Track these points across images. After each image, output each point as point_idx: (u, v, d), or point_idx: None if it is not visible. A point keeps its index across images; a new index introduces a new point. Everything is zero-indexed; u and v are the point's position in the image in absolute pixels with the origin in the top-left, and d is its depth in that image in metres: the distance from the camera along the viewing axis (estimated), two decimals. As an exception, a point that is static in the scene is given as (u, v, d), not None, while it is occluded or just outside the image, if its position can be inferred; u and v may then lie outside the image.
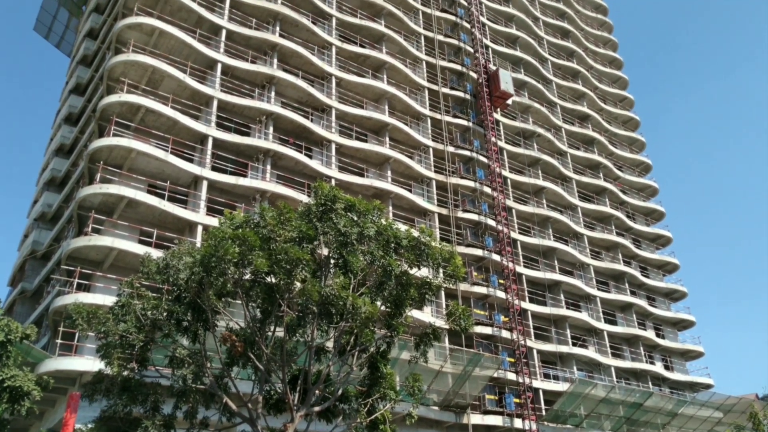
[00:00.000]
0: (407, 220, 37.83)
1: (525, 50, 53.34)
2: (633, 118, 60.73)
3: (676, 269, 54.37)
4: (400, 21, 44.79)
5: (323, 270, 19.58)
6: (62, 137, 40.24)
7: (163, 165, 30.05)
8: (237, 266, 17.75)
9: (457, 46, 47.39)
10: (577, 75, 57.37)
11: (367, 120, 39.17)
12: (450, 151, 42.29)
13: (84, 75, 41.84)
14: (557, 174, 49.49)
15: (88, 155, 29.35)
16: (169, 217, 29.57)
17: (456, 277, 20.41)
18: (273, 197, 32.10)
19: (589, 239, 48.60)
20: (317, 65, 38.07)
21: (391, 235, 19.45)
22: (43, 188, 39.70)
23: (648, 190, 57.53)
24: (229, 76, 34.78)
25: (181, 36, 32.77)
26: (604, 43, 64.53)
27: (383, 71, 41.68)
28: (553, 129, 51.51)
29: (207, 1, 35.83)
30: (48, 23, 49.00)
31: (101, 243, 27.10)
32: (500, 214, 41.30)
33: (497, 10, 53.37)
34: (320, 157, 36.36)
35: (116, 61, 31.03)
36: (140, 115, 30.48)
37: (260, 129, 34.38)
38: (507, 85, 45.44)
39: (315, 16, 40.57)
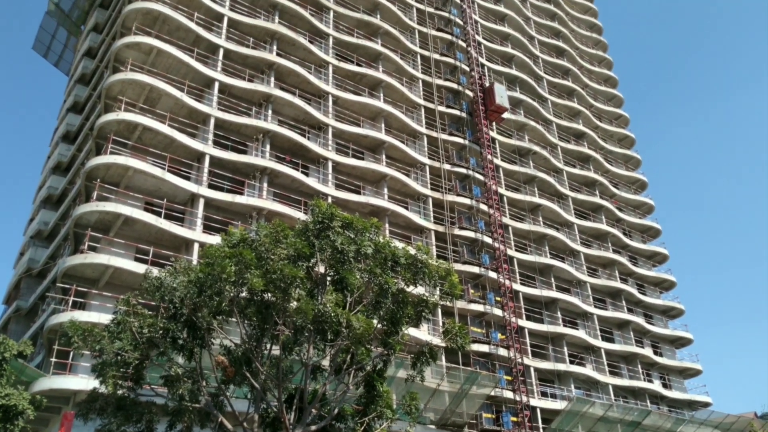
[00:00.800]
0: (404, 237, 37.87)
1: (520, 69, 53.80)
2: (628, 135, 61.12)
3: (673, 286, 54.38)
4: (397, 40, 45.19)
5: (319, 288, 19.58)
6: (60, 155, 40.30)
7: (159, 183, 30.10)
8: (233, 285, 17.76)
9: (453, 65, 47.78)
10: (573, 93, 57.82)
11: (364, 138, 39.35)
12: (446, 168, 42.46)
13: (82, 93, 42.05)
14: (553, 191, 49.66)
15: (85, 173, 29.40)
16: (165, 235, 29.55)
17: (453, 294, 20.46)
18: (269, 215, 32.13)
19: (585, 256, 48.66)
20: (314, 84, 38.33)
21: (388, 252, 19.50)
22: (40, 206, 39.68)
23: (644, 207, 57.73)
24: (227, 94, 34.98)
25: (178, 55, 33.01)
26: (599, 61, 65.13)
27: (380, 90, 41.98)
28: (548, 147, 51.80)
29: (205, 21, 36.14)
30: (47, 42, 49.33)
31: (97, 261, 27.04)
32: (497, 231, 41.38)
33: (493, 29, 53.90)
34: (317, 175, 36.46)
35: (114, 80, 31.21)
36: (137, 133, 30.59)
37: (257, 147, 34.52)
38: (502, 99, 45.84)
39: (312, 36, 40.93)
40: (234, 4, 37.91)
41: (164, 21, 33.93)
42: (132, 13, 33.44)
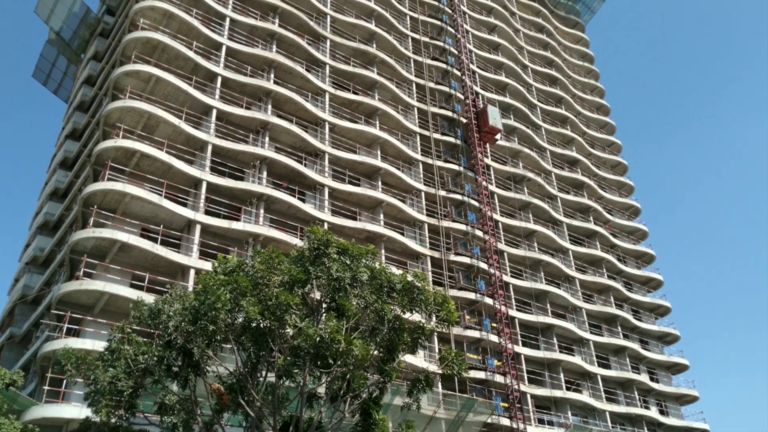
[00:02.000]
0: (400, 263, 37.98)
1: (514, 97, 54.53)
2: (621, 162, 61.73)
3: (668, 312, 54.44)
4: (392, 69, 45.85)
5: (315, 314, 19.60)
6: (57, 181, 40.47)
7: (156, 209, 30.23)
8: (229, 312, 17.78)
9: (448, 93, 48.43)
10: (566, 121, 58.52)
11: (360, 164, 39.68)
12: (441, 195, 42.77)
13: (81, 120, 42.41)
14: (548, 218, 49.97)
15: (82, 199, 29.53)
16: (161, 261, 29.58)
17: (449, 321, 20.47)
18: (266, 241, 32.24)
19: (580, 282, 48.78)
20: (311, 111, 38.76)
21: (384, 279, 19.57)
22: (36, 232, 39.71)
23: (638, 233, 58.06)
24: (224, 121, 35.33)
25: (177, 83, 33.41)
26: (591, 89, 66.05)
27: (376, 117, 42.46)
28: (543, 173, 52.26)
29: (203, 50, 36.66)
30: (47, 70, 49.86)
31: (92, 287, 27.01)
32: (492, 257, 41.53)
33: (487, 58, 54.73)
34: (313, 201, 36.68)
35: (113, 107, 31.53)
36: (135, 160, 30.81)
37: (254, 173, 34.76)
38: (495, 120, 46.45)
39: (309, 64, 41.50)
40: (232, 34, 38.49)
41: (163, 50, 34.41)
42: (132, 42, 33.93)
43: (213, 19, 38.18)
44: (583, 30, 70.41)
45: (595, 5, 70.15)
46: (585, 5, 69.95)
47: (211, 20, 38.09)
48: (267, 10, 41.04)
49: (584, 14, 70.74)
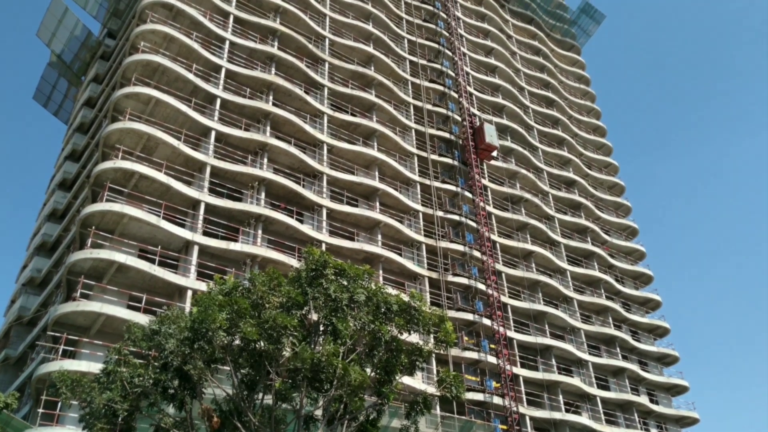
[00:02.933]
0: (397, 284, 37.94)
1: (511, 118, 54.94)
2: (618, 183, 62.00)
3: (667, 333, 54.26)
4: (390, 91, 46.25)
5: (312, 336, 19.57)
6: (55, 202, 40.54)
7: (154, 230, 30.27)
8: (226, 333, 17.74)
9: (445, 115, 48.80)
10: (563, 142, 58.89)
11: (358, 185, 39.84)
12: (439, 215, 42.88)
13: (80, 142, 42.61)
14: (545, 238, 50.04)
15: (80, 220, 29.57)
16: (159, 282, 29.55)
17: (447, 342, 20.44)
18: (263, 262, 32.25)
19: (579, 303, 48.69)
20: (309, 133, 39.01)
21: (381, 300, 19.58)
22: (34, 253, 39.67)
23: (635, 254, 58.09)
24: (223, 143, 35.53)
25: (176, 105, 33.66)
26: (588, 111, 66.56)
27: (374, 138, 42.73)
28: (540, 194, 52.46)
29: (203, 72, 36.99)
30: (47, 92, 50.24)
31: (89, 308, 26.94)
32: (490, 278, 41.50)
33: (484, 80, 55.25)
34: (311, 222, 36.75)
35: (112, 129, 31.72)
36: (134, 181, 30.93)
37: (252, 194, 34.87)
38: (492, 138, 46.78)
39: (308, 86, 41.86)
40: (232, 56, 38.86)
41: (163, 72, 34.72)
42: (132, 65, 34.24)
43: (213, 42, 38.58)
44: (578, 53, 71.17)
45: (590, 28, 71.02)
46: (580, 28, 70.82)
47: (211, 43, 38.48)
48: (266, 33, 41.50)
49: (580, 37, 71.59)
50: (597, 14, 70.29)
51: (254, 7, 42.17)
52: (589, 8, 70.02)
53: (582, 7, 70.29)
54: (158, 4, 36.87)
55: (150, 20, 36.29)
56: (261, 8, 42.44)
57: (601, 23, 70.89)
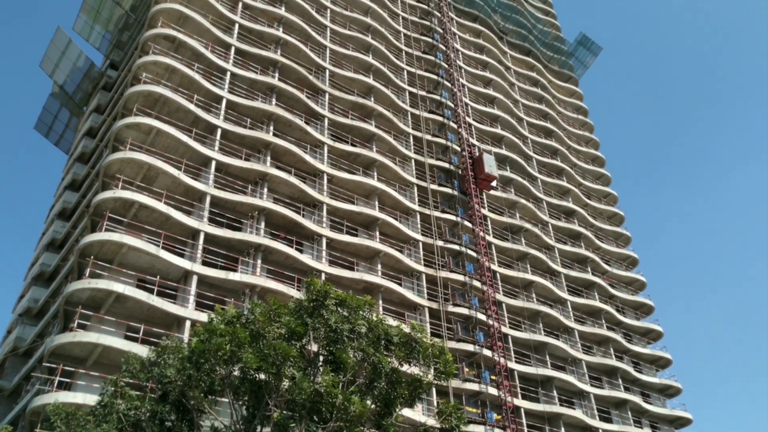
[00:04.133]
0: (397, 314, 37.66)
1: (510, 149, 55.25)
2: (617, 213, 62.05)
3: (669, 364, 53.74)
4: (390, 121, 46.59)
5: (312, 367, 19.36)
6: (54, 232, 40.45)
7: (153, 260, 30.14)
8: (227, 363, 17.55)
9: (445, 145, 49.08)
10: (562, 172, 59.12)
11: (358, 215, 39.84)
12: (439, 245, 42.79)
13: (80, 171, 42.72)
14: (546, 268, 49.87)
15: (79, 250, 29.46)
16: (157, 313, 29.31)
17: (447, 373, 20.23)
18: (263, 292, 32.05)
19: (579, 333, 48.30)
20: (309, 163, 39.16)
21: (381, 331, 19.43)
22: (31, 283, 39.44)
23: (636, 284, 57.84)
24: (223, 172, 35.62)
25: (177, 135, 33.83)
26: (586, 142, 66.98)
27: (373, 168, 42.88)
28: (540, 224, 52.46)
29: (204, 102, 37.28)
30: (49, 123, 50.56)
31: (86, 339, 26.66)
32: (490, 308, 41.23)
33: (483, 111, 55.72)
34: (311, 252, 36.64)
35: (113, 159, 31.82)
36: (133, 211, 30.90)
37: (252, 224, 34.84)
38: (491, 168, 46.96)
39: (308, 117, 42.16)
40: (233, 87, 39.21)
41: (165, 102, 34.98)
42: (134, 95, 34.52)
43: (214, 73, 38.97)
44: (576, 84, 71.93)
45: (587, 60, 71.92)
46: (578, 60, 71.72)
47: (212, 74, 38.87)
48: (267, 65, 41.95)
49: (577, 69, 72.44)
50: (594, 46, 71.27)
51: (255, 39, 42.71)
52: (585, 40, 71.02)
53: (579, 39, 71.30)
54: (161, 36, 37.34)
55: (152, 52, 36.70)
56: (262, 40, 42.99)
57: (598, 55, 71.88)
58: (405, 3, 58.32)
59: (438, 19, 59.00)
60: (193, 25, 39.18)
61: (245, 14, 43.46)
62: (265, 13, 44.34)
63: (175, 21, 38.84)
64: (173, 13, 38.65)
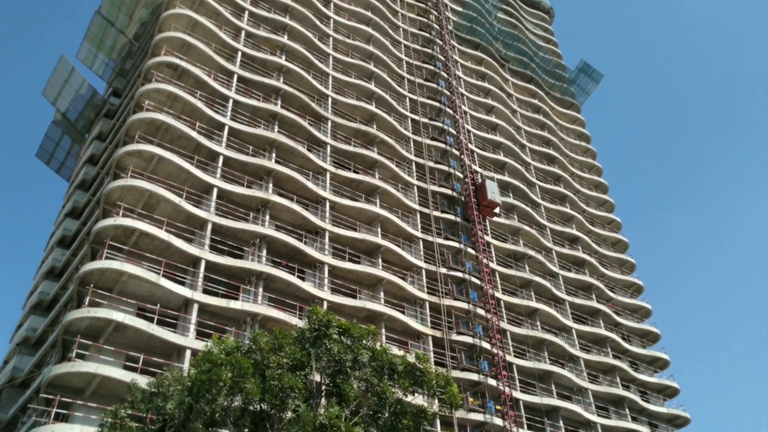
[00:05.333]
0: (400, 343, 37.09)
1: (513, 175, 55.14)
2: (621, 240, 61.64)
3: (676, 393, 52.84)
4: (392, 148, 46.56)
5: (315, 398, 18.90)
6: (54, 260, 40.15)
7: (154, 288, 29.78)
8: (228, 393, 17.13)
9: (447, 172, 48.97)
10: (565, 198, 58.91)
11: (360, 242, 39.52)
12: (443, 272, 42.37)
13: (81, 199, 42.58)
14: (550, 295, 49.34)
15: (79, 278, 29.12)
16: (157, 342, 28.84)
17: (452, 404, 19.80)
18: (264, 320, 31.61)
19: (585, 362, 47.53)
20: (312, 190, 38.99)
21: (385, 360, 19.02)
22: (30, 312, 39.02)
23: (641, 311, 57.18)
24: (225, 200, 35.43)
25: (179, 162, 33.73)
26: (589, 168, 66.88)
27: (376, 195, 42.70)
28: (543, 251, 52.03)
29: (206, 130, 37.26)
30: (50, 150, 50.61)
31: (84, 369, 26.18)
32: (495, 336, 40.63)
33: (485, 138, 55.75)
34: (313, 279, 36.25)
35: (114, 186, 31.67)
36: (134, 238, 30.64)
37: (253, 252, 34.52)
38: (494, 194, 46.76)
39: (310, 144, 42.12)
40: (235, 114, 39.25)
41: (167, 130, 34.96)
42: (136, 123, 34.51)
43: (217, 100, 39.04)
44: (578, 111, 72.12)
45: (589, 87, 72.23)
46: (579, 87, 72.04)
47: (214, 101, 38.94)
48: (269, 92, 42.06)
49: (579, 96, 72.71)
50: (595, 73, 71.63)
51: (258, 67, 42.91)
52: (587, 68, 71.41)
53: (580, 66, 71.70)
54: (164, 64, 37.49)
55: (155, 79, 36.81)
56: (265, 68, 43.18)
57: (599, 82, 72.17)
58: (407, 31, 58.82)
59: (440, 46, 59.42)
60: (196, 53, 39.38)
61: (248, 42, 43.75)
62: (267, 41, 44.64)
63: (179, 49, 39.05)
64: (176, 41, 38.89)
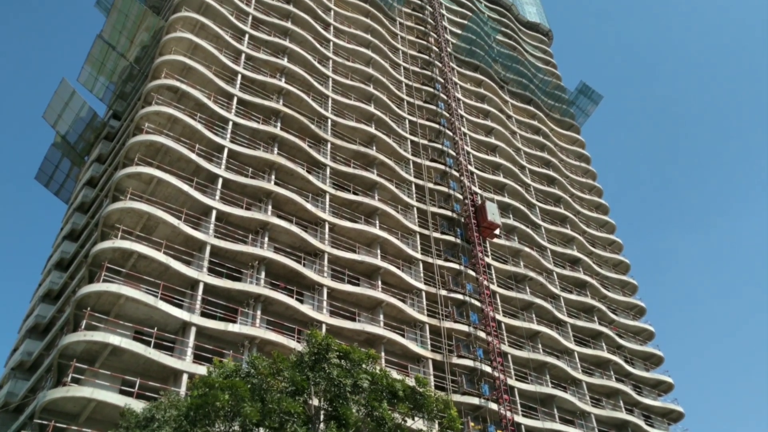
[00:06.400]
0: (400, 366, 36.65)
1: (513, 196, 55.02)
2: (623, 261, 61.27)
3: (681, 417, 52.10)
4: (392, 170, 46.51)
5: (314, 422, 18.56)
6: (51, 283, 39.87)
7: (151, 311, 29.48)
8: (226, 418, 16.81)
9: (447, 194, 48.87)
10: (565, 220, 58.71)
11: (360, 264, 39.26)
12: (443, 294, 42.03)
13: (80, 221, 42.42)
14: (551, 318, 48.89)
15: (76, 301, 28.85)
16: (153, 366, 28.46)
17: (453, 429, 19.48)
18: (262, 344, 31.25)
19: (588, 386, 46.92)
20: (311, 211, 38.84)
21: (385, 385, 18.72)
22: (25, 335, 38.62)
23: (644, 333, 56.61)
24: (224, 222, 35.27)
25: (178, 184, 33.64)
26: (590, 189, 66.80)
27: (375, 217, 42.54)
28: (544, 273, 51.69)
29: (206, 152, 37.24)
30: (50, 172, 50.59)
31: (79, 394, 25.78)
32: (496, 359, 40.14)
33: (484, 159, 55.76)
34: (311, 302, 35.93)
35: (113, 208, 31.53)
36: (132, 261, 30.42)
37: (252, 274, 34.27)
38: (494, 216, 46.57)
39: (310, 165, 42.08)
40: (235, 136, 39.26)
41: (166, 152, 34.93)
42: (136, 145, 34.50)
43: (216, 122, 39.08)
44: (578, 132, 72.23)
45: (588, 108, 72.44)
46: (579, 108, 72.26)
47: (214, 124, 38.98)
48: (269, 114, 42.14)
49: (578, 117, 72.89)
50: (594, 95, 71.90)
51: (258, 89, 43.05)
52: (586, 89, 71.70)
53: (579, 88, 72.00)
54: (164, 87, 37.61)
55: (155, 102, 36.90)
56: (264, 90, 43.31)
57: (598, 103, 72.40)
58: (406, 54, 59.17)
59: (439, 69, 59.74)
60: (197, 76, 39.54)
61: (248, 65, 43.95)
62: (267, 63, 44.85)
63: (179, 72, 39.21)
64: (177, 64, 39.06)
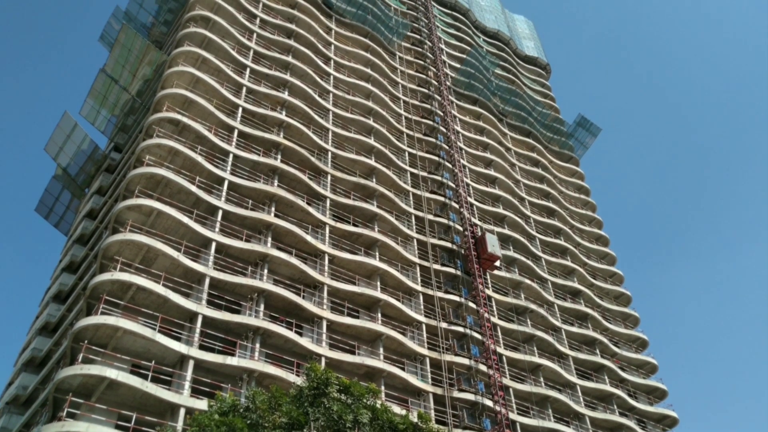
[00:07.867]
0: (400, 400, 36.12)
1: (513, 228, 54.97)
2: (624, 293, 60.90)
3: (687, 453, 51.21)
4: (392, 202, 46.56)
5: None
6: (48, 315, 39.54)
7: (149, 344, 29.16)
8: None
9: (447, 225, 48.84)
10: (566, 252, 58.55)
11: (359, 296, 39.02)
12: (443, 327, 41.66)
13: (79, 253, 42.27)
14: (553, 351, 48.38)
15: (73, 334, 28.55)
16: (150, 400, 28.02)
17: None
18: (261, 377, 30.84)
19: (591, 420, 46.17)
20: (311, 243, 38.75)
21: (386, 420, 18.39)
22: (21, 369, 38.14)
23: (647, 366, 55.98)
24: (223, 254, 35.14)
25: (177, 216, 33.62)
26: (590, 221, 66.77)
27: (375, 248, 42.41)
28: (545, 305, 51.33)
29: (206, 184, 37.32)
30: (50, 204, 50.62)
31: (75, 429, 25.33)
32: (497, 393, 39.59)
33: (484, 191, 55.88)
34: (311, 335, 35.58)
35: (112, 240, 31.44)
36: (131, 293, 30.21)
37: (251, 306, 34.02)
38: (494, 247, 46.42)
39: (310, 197, 42.13)
40: (235, 169, 39.39)
41: (167, 184, 34.99)
42: (136, 178, 34.58)
43: (217, 155, 39.24)
44: (577, 164, 72.53)
45: (587, 141, 72.87)
46: (577, 141, 72.69)
47: (215, 156, 39.14)
48: (270, 147, 42.35)
49: (577, 149, 73.27)
50: (593, 127, 72.40)
51: (258, 122, 43.35)
52: (585, 122, 72.23)
53: (578, 120, 72.53)
54: (165, 120, 37.87)
55: (156, 135, 37.11)
56: (265, 123, 43.62)
57: (597, 135, 72.83)
58: (406, 87, 59.76)
59: (438, 102, 60.28)
60: (198, 108, 39.85)
61: (249, 98, 44.34)
62: (268, 97, 45.25)
63: (180, 105, 39.54)
64: (179, 97, 39.41)
